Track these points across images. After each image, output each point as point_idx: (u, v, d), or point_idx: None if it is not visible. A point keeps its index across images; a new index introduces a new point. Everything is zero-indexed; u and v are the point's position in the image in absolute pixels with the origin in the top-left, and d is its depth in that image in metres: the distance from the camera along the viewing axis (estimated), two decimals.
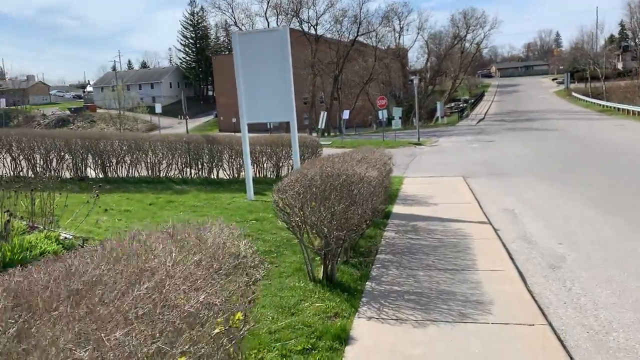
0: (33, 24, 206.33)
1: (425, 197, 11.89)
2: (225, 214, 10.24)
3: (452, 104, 75.00)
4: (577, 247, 7.41)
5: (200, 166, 14.98)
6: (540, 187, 13.21)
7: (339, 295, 5.50)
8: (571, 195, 11.79)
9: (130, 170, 14.86)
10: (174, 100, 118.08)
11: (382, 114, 34.30)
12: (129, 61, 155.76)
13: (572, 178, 14.33)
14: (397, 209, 10.53)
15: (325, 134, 52.92)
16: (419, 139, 31.82)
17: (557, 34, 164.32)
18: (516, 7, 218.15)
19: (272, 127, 56.79)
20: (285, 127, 58.65)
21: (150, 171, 14.80)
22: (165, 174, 14.80)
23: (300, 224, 5.56)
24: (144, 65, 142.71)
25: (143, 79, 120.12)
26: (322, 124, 16.59)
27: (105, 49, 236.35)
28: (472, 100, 76.11)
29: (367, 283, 5.88)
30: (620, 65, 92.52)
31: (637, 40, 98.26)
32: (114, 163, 14.44)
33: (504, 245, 7.48)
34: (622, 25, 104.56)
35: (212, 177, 15.08)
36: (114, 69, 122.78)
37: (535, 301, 5.25)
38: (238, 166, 15.10)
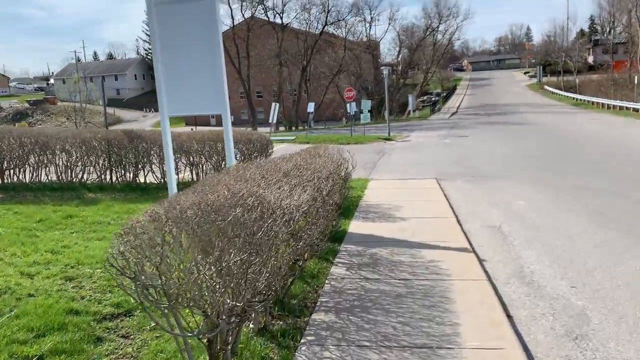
0: None
1: (392, 207, 9.64)
2: None
3: (425, 97, 73.32)
4: (600, 294, 5.23)
5: (123, 169, 12.43)
6: (528, 192, 11.10)
7: None
8: (568, 204, 9.69)
9: (38, 174, 12.20)
10: (139, 93, 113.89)
11: (351, 107, 31.97)
12: (95, 53, 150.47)
13: (562, 181, 12.28)
14: (354, 226, 8.23)
15: (293, 128, 50.48)
16: (389, 133, 29.65)
17: (528, 28, 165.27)
18: (488, 1, 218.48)
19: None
20: (251, 120, 56.00)
21: (62, 175, 12.18)
22: (80, 179, 12.19)
23: (160, 293, 3.20)
24: (110, 56, 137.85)
25: (107, 70, 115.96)
26: (273, 118, 14.40)
27: (73, 41, 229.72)
28: (445, 94, 74.63)
29: None
30: (590, 59, 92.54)
31: (605, 34, 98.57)
32: (13, 165, 11.75)
33: (496, 293, 5.24)
34: (592, 19, 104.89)
35: (139, 181, 12.54)
36: (78, 60, 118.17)
37: None
38: None
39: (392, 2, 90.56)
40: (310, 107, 31.68)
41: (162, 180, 12.84)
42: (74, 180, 12.16)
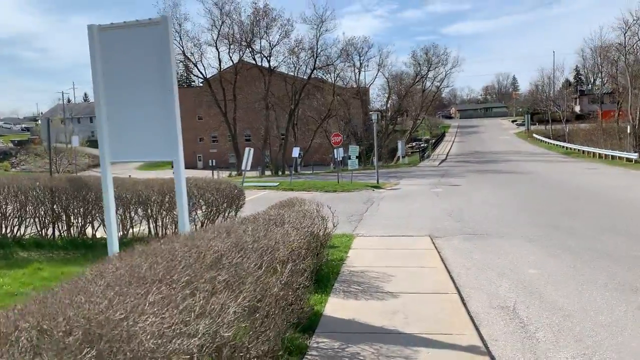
0: None
1: (380, 276, 7.96)
2: None
3: (413, 144, 72.81)
4: None
5: (68, 222, 10.68)
6: (538, 256, 9.49)
7: None
8: (590, 274, 8.07)
9: None
10: None
11: (338, 152, 30.64)
12: (85, 94, 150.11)
13: (574, 242, 10.71)
14: (332, 306, 6.50)
15: (280, 173, 49.07)
16: (377, 181, 28.23)
17: (514, 78, 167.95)
18: (474, 51, 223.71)
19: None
20: (236, 164, 54.56)
21: None
22: (14, 234, 10.41)
23: None
24: None
25: (94, 112, 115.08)
26: (247, 165, 12.94)
27: (65, 81, 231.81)
28: (433, 140, 74.18)
29: None
30: (577, 109, 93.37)
31: (590, 84, 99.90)
32: None
33: None
34: (577, 70, 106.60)
35: (86, 236, 10.79)
36: (68, 100, 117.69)
37: None
38: (126, 220, 10.92)
39: (381, 49, 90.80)
40: (295, 151, 30.29)
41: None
42: (8, 235, 10.37)
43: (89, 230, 10.99)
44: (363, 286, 7.42)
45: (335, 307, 6.46)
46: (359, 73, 59.70)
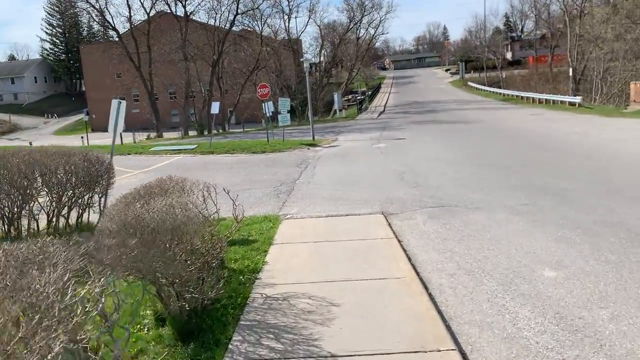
0: None
1: (315, 308, 4.68)
2: None
3: (350, 96, 69.69)
4: None
5: None
6: (545, 242, 6.50)
7: None
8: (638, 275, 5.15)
9: None
10: (41, 97, 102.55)
11: (267, 107, 26.77)
12: (11, 55, 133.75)
13: (581, 214, 7.82)
14: None
15: (206, 133, 44.62)
16: (313, 137, 24.80)
17: (445, 27, 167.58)
18: (406, 1, 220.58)
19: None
20: (155, 124, 49.39)
21: None
22: None
23: None
24: (12, 58, 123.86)
25: (2, 73, 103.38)
26: (115, 123, 9.37)
27: None
28: (370, 92, 71.31)
29: None
30: (509, 55, 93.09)
31: (518, 31, 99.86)
32: None
33: None
34: (506, 16, 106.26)
35: None
36: None
37: None
38: None
39: None
40: (215, 107, 26.13)
41: None
42: None
43: None
44: (283, 340, 4.09)
45: None
46: (289, 20, 55.17)
